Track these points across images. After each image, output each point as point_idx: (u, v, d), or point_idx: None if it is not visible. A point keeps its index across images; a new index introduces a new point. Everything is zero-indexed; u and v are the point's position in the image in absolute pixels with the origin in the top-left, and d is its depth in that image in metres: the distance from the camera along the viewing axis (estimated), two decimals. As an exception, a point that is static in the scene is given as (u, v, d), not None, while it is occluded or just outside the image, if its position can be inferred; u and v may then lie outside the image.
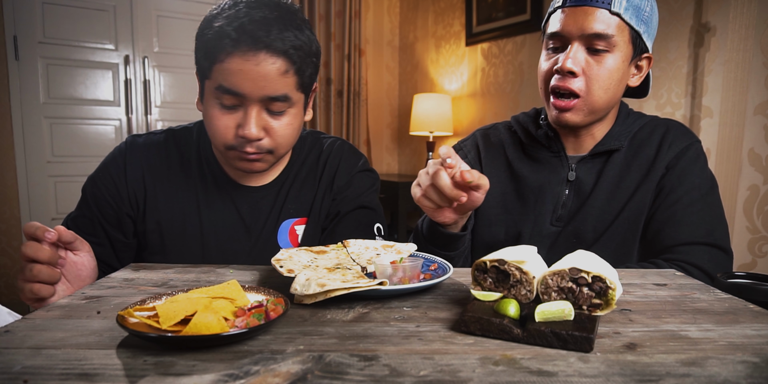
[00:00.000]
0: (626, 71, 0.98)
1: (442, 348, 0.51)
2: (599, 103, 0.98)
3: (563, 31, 0.96)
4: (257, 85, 0.85)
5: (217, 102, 0.88)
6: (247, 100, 0.86)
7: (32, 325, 0.56)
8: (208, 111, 0.91)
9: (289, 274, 0.70)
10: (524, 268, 0.61)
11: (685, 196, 1.00)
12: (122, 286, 0.73)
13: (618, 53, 0.95)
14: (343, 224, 1.04)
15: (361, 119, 3.87)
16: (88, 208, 1.00)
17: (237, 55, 0.83)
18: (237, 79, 0.84)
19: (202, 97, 0.93)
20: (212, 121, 0.90)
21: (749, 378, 0.45)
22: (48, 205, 2.96)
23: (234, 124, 0.89)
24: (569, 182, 1.06)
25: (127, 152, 1.02)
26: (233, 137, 0.89)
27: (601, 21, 0.93)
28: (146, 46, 3.13)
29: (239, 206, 1.03)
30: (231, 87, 0.85)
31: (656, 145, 1.04)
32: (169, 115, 3.23)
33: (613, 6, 0.92)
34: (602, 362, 0.48)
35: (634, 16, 0.93)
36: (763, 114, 1.75)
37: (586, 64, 0.96)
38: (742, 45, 1.80)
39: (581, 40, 0.95)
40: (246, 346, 0.51)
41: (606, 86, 0.96)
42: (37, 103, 2.89)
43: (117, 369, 0.45)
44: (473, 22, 3.23)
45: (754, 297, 0.70)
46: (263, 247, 1.02)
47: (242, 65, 0.83)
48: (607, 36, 0.93)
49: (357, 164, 1.11)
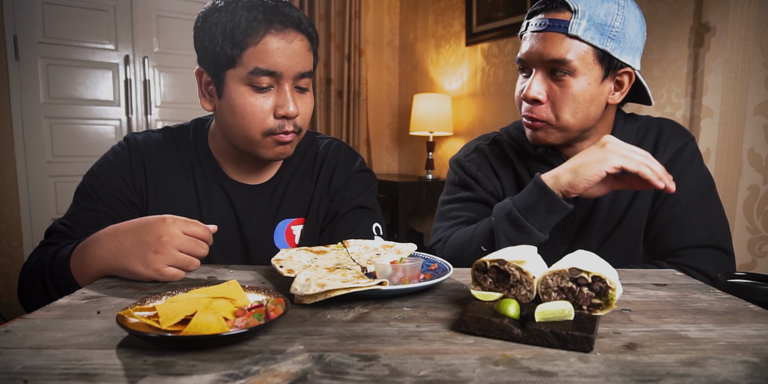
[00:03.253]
0: (597, 91, 0.94)
1: (442, 348, 0.51)
2: (570, 127, 0.96)
3: (526, 58, 0.96)
4: (292, 62, 0.89)
5: (249, 88, 0.89)
6: (282, 78, 0.89)
7: (32, 325, 0.56)
8: (238, 100, 0.89)
9: (289, 274, 0.70)
10: (524, 268, 0.61)
11: (684, 197, 0.99)
12: (122, 286, 0.73)
13: (582, 76, 0.92)
14: (341, 224, 1.04)
15: (361, 119, 3.87)
16: (91, 201, 0.97)
17: (271, 35, 0.87)
18: (274, 58, 0.87)
19: (221, 91, 0.92)
20: (247, 108, 0.89)
21: (749, 378, 0.45)
22: (48, 205, 2.96)
23: (270, 107, 0.90)
24: (575, 198, 1.03)
25: (130, 148, 1.02)
26: (272, 120, 0.91)
27: (558, 46, 0.90)
28: (146, 46, 3.13)
29: (234, 204, 1.03)
30: (269, 67, 0.87)
31: (651, 146, 1.03)
32: (169, 115, 3.23)
33: (570, 29, 0.89)
34: (602, 362, 0.48)
35: (598, 35, 0.90)
36: (763, 114, 1.75)
37: (549, 90, 0.94)
38: (742, 45, 1.80)
39: (542, 67, 0.94)
40: (246, 346, 0.51)
41: (573, 110, 0.93)
42: (37, 103, 2.89)
43: (117, 369, 0.45)
44: (473, 22, 3.23)
45: (754, 297, 0.70)
46: (258, 246, 1.03)
47: (278, 43, 0.87)
48: (564, 61, 0.90)
49: (354, 164, 1.10)
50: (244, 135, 0.92)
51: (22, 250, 2.92)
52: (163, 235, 0.73)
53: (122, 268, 0.75)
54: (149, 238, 0.74)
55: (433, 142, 3.43)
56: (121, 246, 0.75)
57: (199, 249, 0.76)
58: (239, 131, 0.92)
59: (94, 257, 0.77)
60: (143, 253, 0.73)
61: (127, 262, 0.74)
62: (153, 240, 0.73)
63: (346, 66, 3.71)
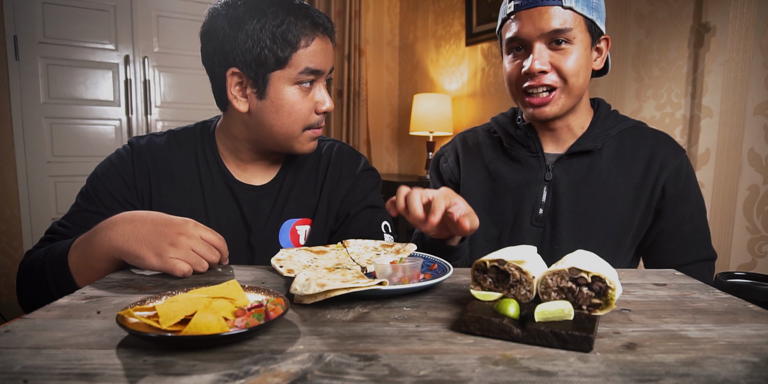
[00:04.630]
0: (589, 57, 1.03)
1: (442, 348, 0.51)
2: (577, 88, 1.02)
3: (522, 34, 0.99)
4: (329, 61, 0.98)
5: (297, 87, 0.95)
6: (322, 76, 0.98)
7: (32, 325, 0.56)
8: (287, 98, 0.95)
9: (289, 274, 0.70)
10: (524, 268, 0.62)
11: (690, 214, 1.06)
12: (122, 286, 0.73)
13: (579, 43, 0.99)
14: (353, 225, 1.06)
15: (361, 119, 3.87)
16: (91, 203, 0.99)
17: (318, 37, 0.95)
18: (320, 58, 0.95)
19: (263, 91, 0.94)
20: (295, 106, 0.95)
21: (749, 378, 0.45)
22: (48, 205, 2.96)
23: (311, 105, 0.97)
24: (547, 182, 1.08)
25: (133, 152, 1.04)
26: (314, 115, 0.99)
27: (557, 17, 0.97)
28: (146, 46, 3.13)
29: (241, 204, 1.04)
30: (316, 66, 0.95)
31: (646, 159, 1.05)
32: (169, 115, 3.23)
33: (565, 1, 0.96)
34: (602, 362, 0.48)
35: (585, 6, 0.98)
36: (763, 114, 1.76)
37: (553, 60, 0.99)
38: (742, 45, 1.80)
39: (542, 39, 0.98)
40: (246, 346, 0.51)
41: (576, 74, 1.00)
42: (37, 103, 2.89)
43: (117, 369, 0.45)
44: (473, 22, 3.23)
45: (753, 297, 0.71)
46: (265, 246, 1.03)
47: (322, 45, 0.95)
48: (566, 30, 0.97)
49: (359, 165, 1.13)
50: (287, 132, 0.97)
51: (22, 250, 2.92)
52: (183, 233, 0.76)
53: (131, 252, 0.75)
54: (168, 231, 0.76)
55: (433, 142, 3.43)
56: (136, 231, 0.76)
57: (211, 255, 0.78)
58: (282, 129, 0.97)
59: (104, 238, 0.77)
60: (158, 242, 0.75)
61: (138, 246, 0.75)
62: (172, 234, 0.76)
63: (346, 66, 3.71)
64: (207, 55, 0.97)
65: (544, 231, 1.07)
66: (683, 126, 1.99)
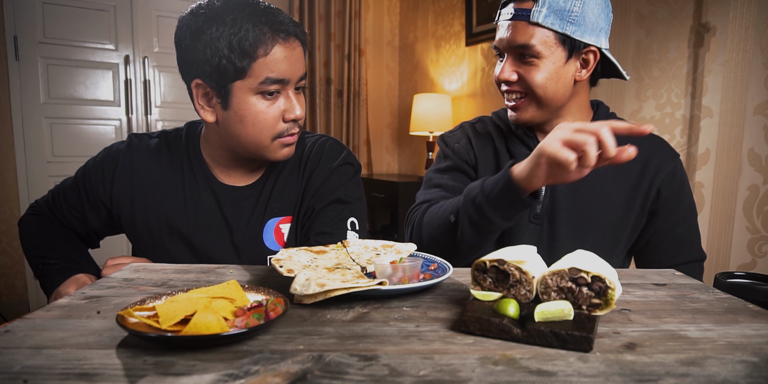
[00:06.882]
0: (563, 70, 1.01)
1: (442, 348, 0.51)
2: (543, 100, 1.02)
3: (497, 45, 1.05)
4: (295, 68, 0.93)
5: (260, 96, 0.92)
6: (288, 84, 0.93)
7: (32, 325, 0.56)
8: (250, 109, 0.92)
9: (288, 274, 0.70)
10: (524, 268, 0.62)
11: (684, 216, 1.08)
12: (122, 286, 0.73)
13: (546, 58, 1.00)
14: (317, 220, 1.04)
15: (361, 119, 3.87)
16: (79, 185, 1.09)
17: (279, 45, 0.90)
18: (282, 66, 0.91)
19: (227, 102, 0.92)
20: (259, 116, 0.93)
21: (748, 378, 0.45)
22: (48, 205, 2.96)
23: (278, 113, 0.94)
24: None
25: (125, 152, 1.07)
26: (281, 124, 0.95)
27: (523, 33, 0.99)
28: (146, 46, 3.13)
29: (223, 206, 1.04)
30: (279, 76, 0.91)
31: (641, 161, 1.06)
32: (169, 115, 3.23)
33: (532, 17, 0.98)
34: (602, 362, 0.48)
35: (558, 21, 0.97)
36: (763, 114, 1.75)
37: (521, 71, 1.02)
38: (742, 45, 1.80)
39: (511, 52, 1.03)
40: (246, 346, 0.51)
41: (542, 87, 1.01)
42: (37, 103, 2.89)
43: (117, 369, 0.45)
44: (473, 22, 3.23)
45: (753, 297, 0.71)
46: (248, 246, 1.03)
47: (285, 52, 0.91)
48: (528, 46, 0.99)
49: (337, 158, 1.09)
50: (254, 141, 0.95)
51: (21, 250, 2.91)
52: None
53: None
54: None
55: (433, 142, 3.43)
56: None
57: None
58: (249, 139, 0.95)
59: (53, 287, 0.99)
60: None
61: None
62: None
63: (346, 66, 3.71)
64: (178, 64, 0.96)
65: (542, 228, 1.07)
66: (683, 126, 1.99)
